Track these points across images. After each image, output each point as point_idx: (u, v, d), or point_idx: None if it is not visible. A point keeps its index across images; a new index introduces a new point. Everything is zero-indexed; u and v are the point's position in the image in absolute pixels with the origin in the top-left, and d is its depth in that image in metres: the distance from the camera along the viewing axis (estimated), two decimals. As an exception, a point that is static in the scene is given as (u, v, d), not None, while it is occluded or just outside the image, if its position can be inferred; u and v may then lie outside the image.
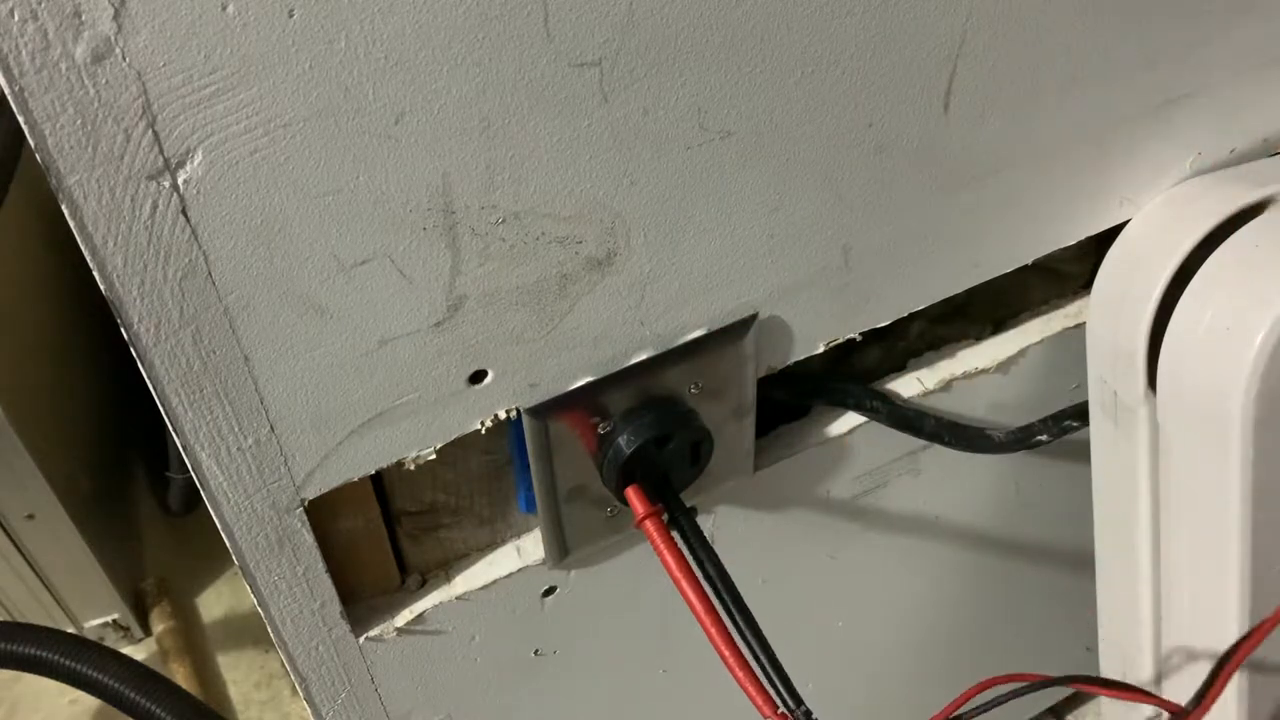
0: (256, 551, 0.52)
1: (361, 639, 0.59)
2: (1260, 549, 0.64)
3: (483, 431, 0.53)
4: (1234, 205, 0.63)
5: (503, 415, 0.53)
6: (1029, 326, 0.72)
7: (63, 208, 0.39)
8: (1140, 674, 0.77)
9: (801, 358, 0.60)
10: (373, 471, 0.52)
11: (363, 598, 0.60)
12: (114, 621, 1.21)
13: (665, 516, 0.55)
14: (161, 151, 0.39)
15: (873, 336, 0.64)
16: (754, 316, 0.56)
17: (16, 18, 0.34)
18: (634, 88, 0.46)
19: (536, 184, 0.46)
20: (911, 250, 0.59)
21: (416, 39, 0.40)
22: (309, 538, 0.52)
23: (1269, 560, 0.64)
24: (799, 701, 0.51)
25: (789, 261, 0.56)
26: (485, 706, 0.66)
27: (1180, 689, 0.73)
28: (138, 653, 1.21)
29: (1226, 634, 0.66)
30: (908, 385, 0.69)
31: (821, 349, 0.61)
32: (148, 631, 1.23)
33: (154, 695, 0.58)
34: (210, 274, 0.42)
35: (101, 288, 0.41)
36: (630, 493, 0.55)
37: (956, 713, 0.49)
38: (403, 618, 0.60)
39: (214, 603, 1.26)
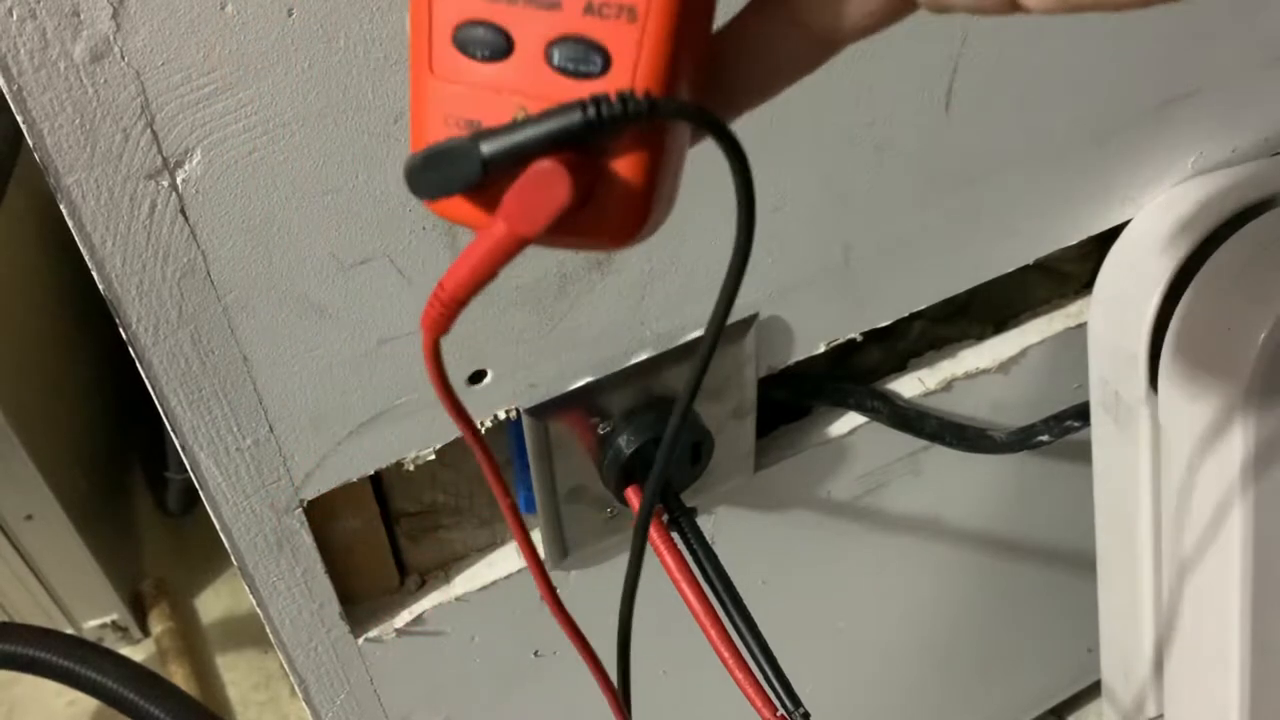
0: (255, 552, 0.51)
1: (360, 640, 0.58)
2: (1262, 548, 0.64)
3: (482, 432, 0.53)
4: (1234, 205, 0.63)
5: (503, 415, 0.53)
6: (1030, 326, 0.72)
7: (61, 207, 0.38)
8: (1141, 674, 0.77)
9: (802, 358, 0.60)
10: (371, 472, 0.52)
11: (362, 599, 0.60)
12: (113, 622, 1.20)
13: (665, 517, 0.55)
14: (160, 151, 0.38)
15: (873, 336, 0.64)
16: (754, 316, 0.56)
17: (15, 17, 0.34)
18: (634, 87, 0.45)
19: (536, 183, 0.46)
20: (912, 250, 0.59)
21: (416, 38, 0.40)
22: (308, 538, 0.52)
23: (1271, 559, 0.64)
24: (797, 703, 0.51)
25: (789, 261, 0.55)
26: (485, 708, 0.66)
27: (1182, 689, 0.73)
28: (136, 654, 1.20)
29: (1229, 634, 0.66)
30: (909, 385, 0.69)
31: (822, 349, 0.61)
32: (146, 632, 1.22)
33: (153, 696, 0.58)
34: (209, 273, 0.42)
35: (100, 287, 0.41)
36: (630, 493, 0.55)
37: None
38: (402, 619, 0.60)
39: (213, 603, 1.26)
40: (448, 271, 0.24)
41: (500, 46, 0.24)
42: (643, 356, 0.54)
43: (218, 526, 0.50)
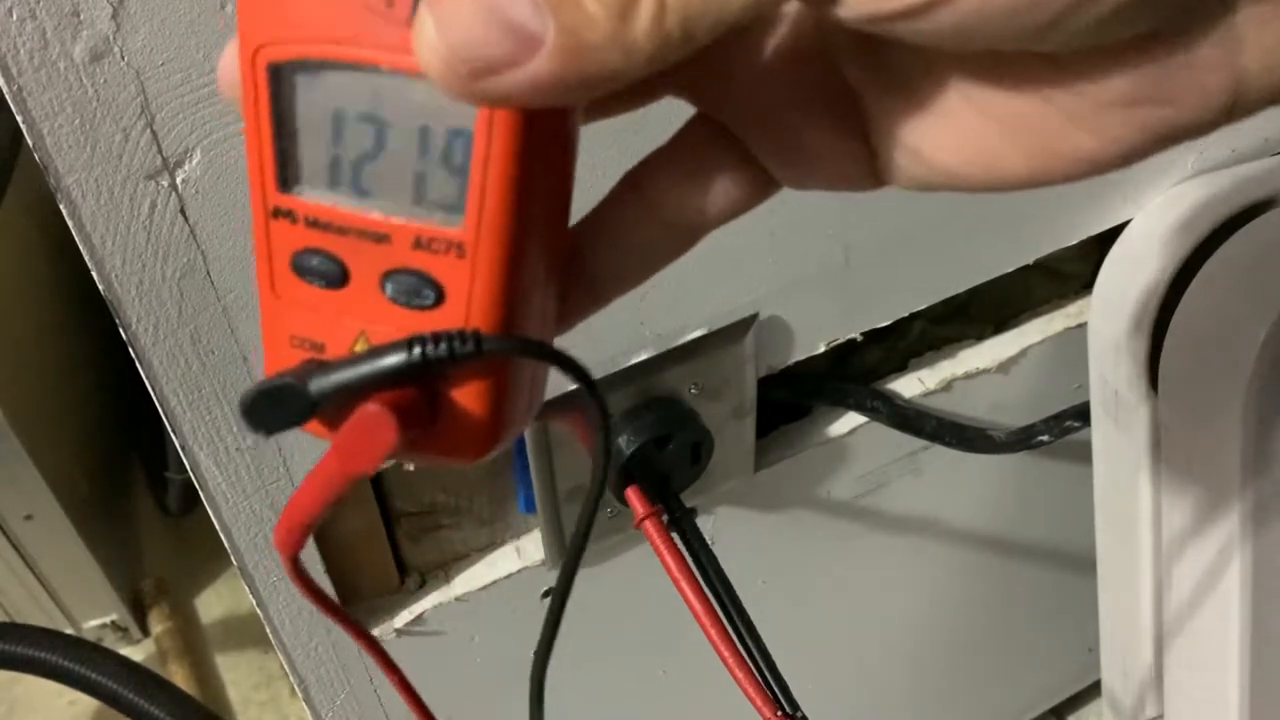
0: (255, 552, 0.51)
1: (361, 640, 0.58)
2: (1262, 549, 0.64)
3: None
4: (1234, 205, 0.63)
5: (502, 415, 0.53)
6: (1030, 326, 0.72)
7: (61, 207, 0.38)
8: (1141, 674, 0.77)
9: (802, 358, 0.60)
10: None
11: (362, 599, 0.60)
12: (112, 622, 1.20)
13: (665, 517, 0.55)
14: (160, 151, 0.38)
15: (873, 336, 0.64)
16: (754, 316, 0.56)
17: (15, 16, 0.34)
18: (634, 87, 0.45)
19: (536, 183, 0.46)
20: (912, 250, 0.59)
21: (416, 38, 0.40)
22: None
23: (1271, 560, 0.64)
24: (795, 706, 0.51)
25: (789, 261, 0.55)
26: (485, 707, 0.66)
27: (1182, 689, 0.73)
28: (136, 654, 1.20)
29: (1228, 634, 0.66)
30: (909, 385, 0.69)
31: (822, 349, 0.61)
32: (146, 632, 1.22)
33: (152, 696, 0.58)
34: (209, 273, 0.42)
35: (100, 287, 0.41)
36: (630, 493, 0.55)
37: None
38: (402, 619, 0.60)
39: (213, 603, 1.26)
40: (291, 499, 0.24)
41: (336, 275, 0.23)
42: (642, 356, 0.54)
43: (218, 526, 0.50)
